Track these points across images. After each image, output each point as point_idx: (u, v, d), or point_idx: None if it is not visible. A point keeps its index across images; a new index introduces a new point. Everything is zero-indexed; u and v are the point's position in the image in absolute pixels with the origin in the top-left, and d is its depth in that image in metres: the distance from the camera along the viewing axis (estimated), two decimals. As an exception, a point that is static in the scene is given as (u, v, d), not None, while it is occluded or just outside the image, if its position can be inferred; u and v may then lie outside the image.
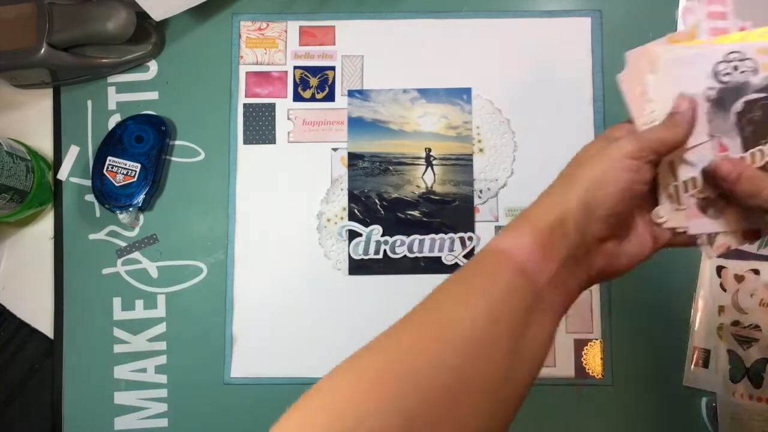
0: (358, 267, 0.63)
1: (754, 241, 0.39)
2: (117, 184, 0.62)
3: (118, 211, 0.62)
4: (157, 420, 0.61)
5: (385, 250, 0.63)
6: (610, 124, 0.63)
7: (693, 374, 0.60)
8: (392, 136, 0.64)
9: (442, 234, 0.63)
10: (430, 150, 0.64)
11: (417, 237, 0.63)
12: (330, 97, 0.65)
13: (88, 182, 0.63)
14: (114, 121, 0.64)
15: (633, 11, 0.65)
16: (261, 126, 0.64)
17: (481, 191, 0.63)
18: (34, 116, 0.66)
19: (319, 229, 0.63)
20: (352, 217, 0.63)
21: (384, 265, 0.63)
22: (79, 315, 0.63)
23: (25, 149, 0.62)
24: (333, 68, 0.65)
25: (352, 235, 0.63)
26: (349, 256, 0.63)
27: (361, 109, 0.64)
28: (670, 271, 0.62)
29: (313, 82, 0.65)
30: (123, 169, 0.62)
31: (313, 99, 0.65)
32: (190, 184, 0.64)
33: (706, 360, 0.60)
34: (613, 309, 0.62)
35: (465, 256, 0.62)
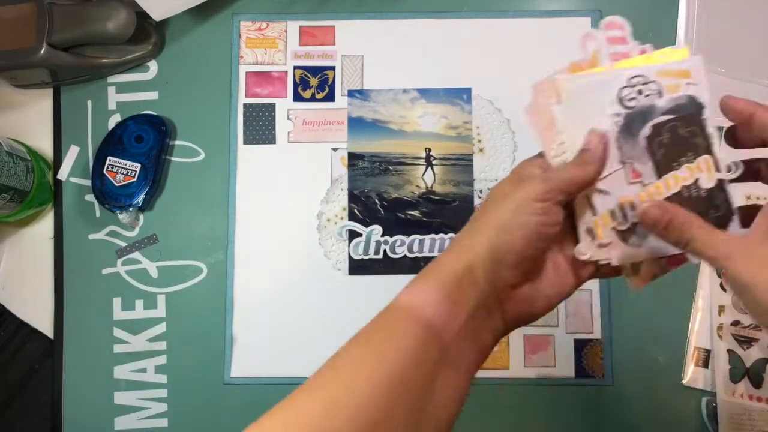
0: (358, 267, 0.63)
1: (678, 267, 0.37)
2: (117, 184, 0.62)
3: (118, 211, 0.62)
4: (157, 420, 0.61)
5: (385, 250, 0.63)
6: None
7: (693, 374, 0.60)
8: (392, 136, 0.64)
9: (442, 234, 0.63)
10: (430, 150, 0.64)
11: (417, 237, 0.63)
12: (330, 97, 0.65)
13: (88, 182, 0.63)
14: (114, 121, 0.64)
15: (633, 11, 0.64)
16: (261, 126, 0.64)
17: (481, 191, 0.63)
18: (34, 116, 0.66)
19: (319, 229, 0.63)
20: (352, 217, 0.63)
21: (384, 265, 0.63)
22: (79, 315, 0.62)
23: (25, 149, 0.62)
24: (333, 68, 0.65)
25: (352, 235, 0.63)
26: (349, 256, 0.63)
27: (361, 109, 0.64)
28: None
29: (313, 82, 0.65)
30: (123, 169, 0.62)
31: (313, 99, 0.65)
32: (190, 184, 0.64)
33: (706, 360, 0.60)
34: (613, 309, 0.62)
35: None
